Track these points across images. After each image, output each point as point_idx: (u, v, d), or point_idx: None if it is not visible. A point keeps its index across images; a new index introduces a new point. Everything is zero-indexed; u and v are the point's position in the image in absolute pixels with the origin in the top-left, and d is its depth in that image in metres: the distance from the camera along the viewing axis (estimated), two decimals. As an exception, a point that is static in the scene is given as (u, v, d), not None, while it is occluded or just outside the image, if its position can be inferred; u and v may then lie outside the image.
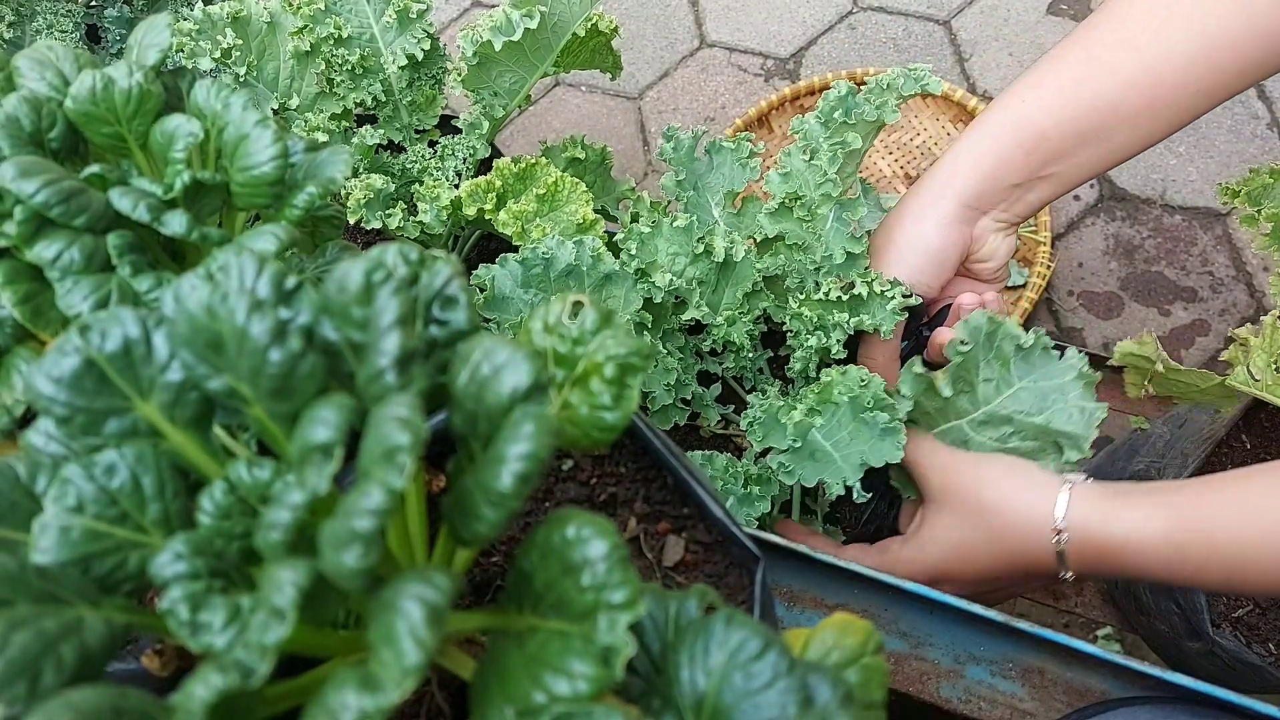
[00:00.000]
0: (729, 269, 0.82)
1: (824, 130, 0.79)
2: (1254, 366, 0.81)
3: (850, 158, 0.79)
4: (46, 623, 0.30)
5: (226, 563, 0.35)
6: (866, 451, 0.70)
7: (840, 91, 0.79)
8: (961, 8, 1.73)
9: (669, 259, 0.81)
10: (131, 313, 0.36)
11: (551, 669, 0.30)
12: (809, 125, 0.81)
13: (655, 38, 1.83)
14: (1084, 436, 0.70)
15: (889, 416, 0.70)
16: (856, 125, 0.78)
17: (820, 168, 0.77)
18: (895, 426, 0.70)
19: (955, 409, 0.74)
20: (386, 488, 0.28)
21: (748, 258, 0.80)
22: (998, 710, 0.60)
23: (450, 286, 0.38)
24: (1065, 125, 0.76)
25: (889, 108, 0.76)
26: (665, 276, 0.76)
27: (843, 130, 0.77)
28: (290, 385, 0.33)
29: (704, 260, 0.80)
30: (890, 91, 0.77)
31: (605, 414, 0.37)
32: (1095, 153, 0.78)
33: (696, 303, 0.80)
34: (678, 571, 0.48)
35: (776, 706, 0.31)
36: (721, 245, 0.78)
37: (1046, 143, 0.77)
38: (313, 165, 0.55)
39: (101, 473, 0.35)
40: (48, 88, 0.52)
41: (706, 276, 0.82)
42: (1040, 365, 0.71)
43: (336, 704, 0.27)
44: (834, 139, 0.77)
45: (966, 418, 0.74)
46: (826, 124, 0.79)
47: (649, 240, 0.81)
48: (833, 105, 0.78)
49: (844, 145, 0.76)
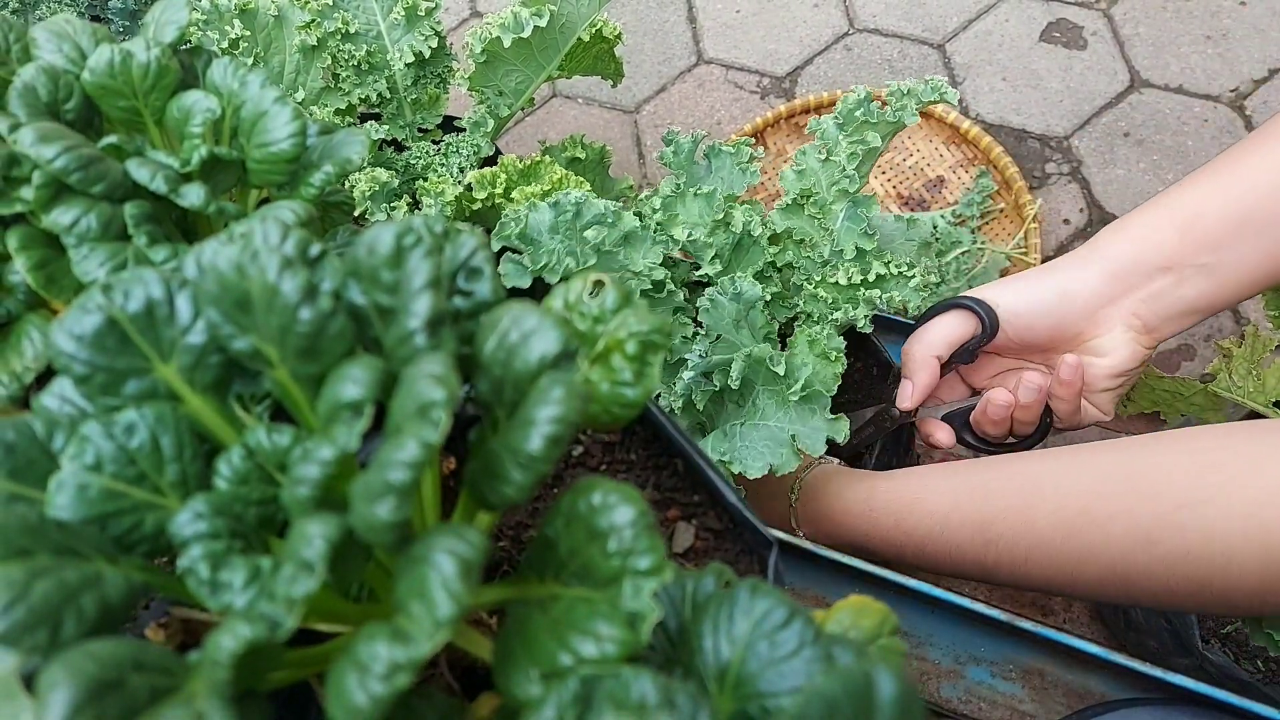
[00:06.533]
0: (743, 248, 0.83)
1: (841, 132, 0.81)
2: (1235, 374, 0.82)
3: (868, 156, 0.80)
4: (67, 573, 0.29)
5: (244, 526, 0.35)
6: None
7: (859, 95, 0.81)
8: (956, 32, 1.75)
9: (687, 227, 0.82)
10: (156, 274, 0.36)
11: (578, 631, 0.30)
12: (825, 126, 0.82)
13: (653, 52, 1.84)
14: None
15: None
16: (877, 125, 0.79)
17: (838, 163, 0.79)
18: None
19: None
20: (421, 441, 0.28)
21: (760, 240, 0.81)
22: (998, 711, 0.60)
23: (475, 258, 0.38)
24: (1224, 208, 0.71)
25: (909, 111, 0.77)
26: (684, 231, 0.78)
27: (863, 129, 0.78)
28: (319, 346, 0.33)
29: (721, 231, 0.81)
30: (910, 97, 0.79)
31: (627, 390, 0.37)
32: (1256, 247, 0.71)
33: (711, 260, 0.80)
34: (688, 558, 0.48)
35: (802, 675, 0.30)
36: (741, 219, 0.79)
37: (1202, 222, 0.72)
38: (328, 147, 0.55)
39: (121, 431, 0.35)
40: (65, 60, 0.52)
41: (721, 250, 0.82)
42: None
43: (367, 655, 0.26)
44: (854, 137, 0.79)
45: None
46: (844, 125, 0.80)
47: (672, 203, 0.82)
48: (852, 107, 0.80)
49: (864, 143, 0.78)
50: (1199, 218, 0.71)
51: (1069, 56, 1.69)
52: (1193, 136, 1.56)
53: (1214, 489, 0.60)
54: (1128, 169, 1.55)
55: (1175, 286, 0.73)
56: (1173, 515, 0.61)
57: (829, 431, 0.70)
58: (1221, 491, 0.60)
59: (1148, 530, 0.62)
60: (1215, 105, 1.58)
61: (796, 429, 0.71)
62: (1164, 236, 0.72)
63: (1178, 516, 0.61)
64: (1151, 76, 1.63)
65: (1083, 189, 1.55)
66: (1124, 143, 1.57)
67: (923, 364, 0.83)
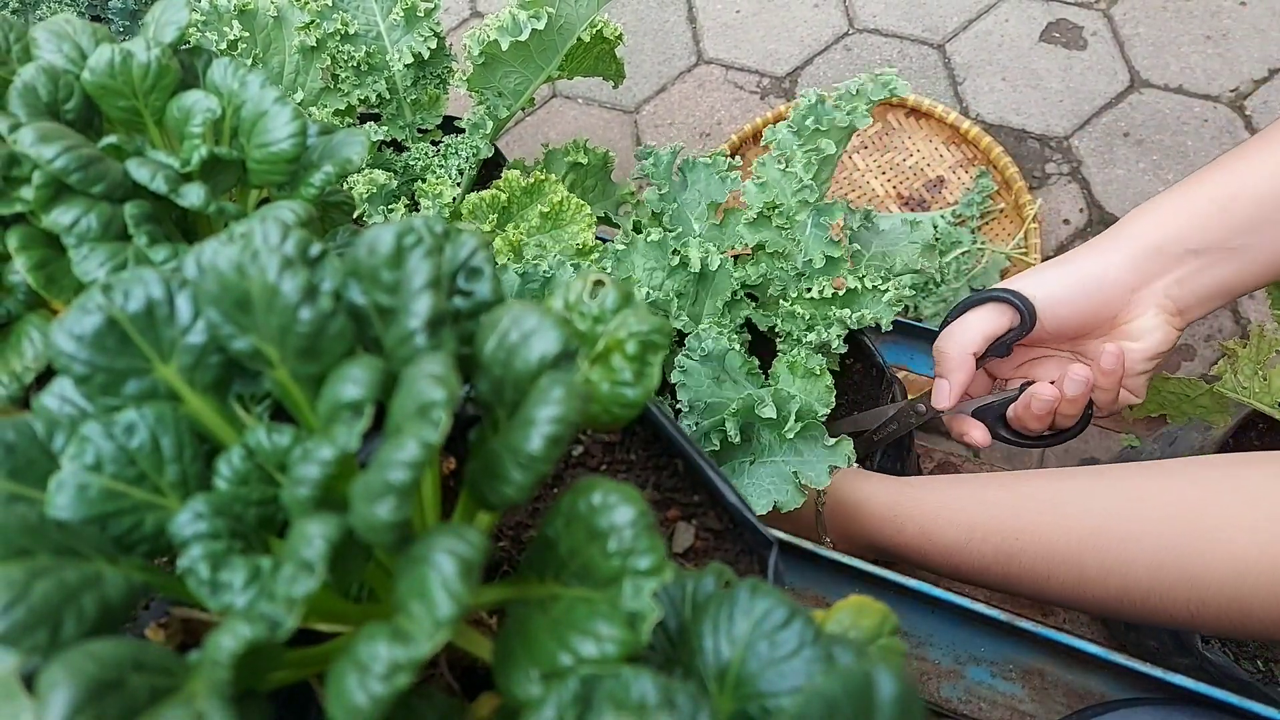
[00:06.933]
0: (707, 280, 0.82)
1: (796, 139, 0.80)
2: (1241, 375, 0.82)
3: (825, 164, 0.80)
4: (67, 573, 0.29)
5: (244, 526, 0.35)
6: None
7: (810, 100, 0.80)
8: (956, 32, 1.75)
9: (646, 273, 0.82)
10: (156, 274, 0.36)
11: (578, 631, 0.30)
12: (781, 135, 0.82)
13: (653, 53, 1.84)
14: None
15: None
16: (829, 131, 0.78)
17: (795, 174, 0.78)
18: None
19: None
20: (421, 441, 0.28)
21: (724, 267, 0.80)
22: (998, 711, 0.60)
23: (475, 258, 0.38)
24: (1255, 190, 0.71)
25: (860, 113, 0.76)
26: (642, 290, 0.77)
27: (815, 137, 0.78)
28: (318, 346, 0.33)
29: (681, 272, 0.80)
30: (860, 98, 0.78)
31: (627, 390, 0.37)
32: None
33: (675, 313, 0.81)
34: (688, 558, 0.48)
35: (802, 675, 0.30)
36: (697, 255, 0.78)
37: (1234, 205, 0.71)
38: (329, 147, 0.55)
39: (121, 431, 0.35)
40: (65, 60, 0.52)
41: (685, 289, 0.82)
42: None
43: (367, 655, 0.26)
44: (807, 146, 0.78)
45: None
46: (799, 132, 0.79)
47: (625, 257, 0.82)
48: (804, 114, 0.79)
49: (818, 152, 0.77)
50: (1232, 200, 0.71)
51: (1069, 56, 1.69)
52: (1193, 136, 1.56)
53: (1235, 515, 0.61)
54: (1128, 169, 1.55)
55: (1206, 268, 0.73)
56: (1194, 540, 0.62)
57: (831, 459, 0.70)
58: (1242, 518, 0.61)
59: (1168, 553, 0.63)
60: (1215, 105, 1.58)
61: (798, 465, 0.72)
62: (1194, 220, 0.72)
63: (1199, 542, 0.62)
64: (1151, 76, 1.63)
65: (1083, 189, 1.55)
66: (1124, 143, 1.57)
67: (960, 362, 0.81)
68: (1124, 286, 0.75)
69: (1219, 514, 0.63)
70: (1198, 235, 0.72)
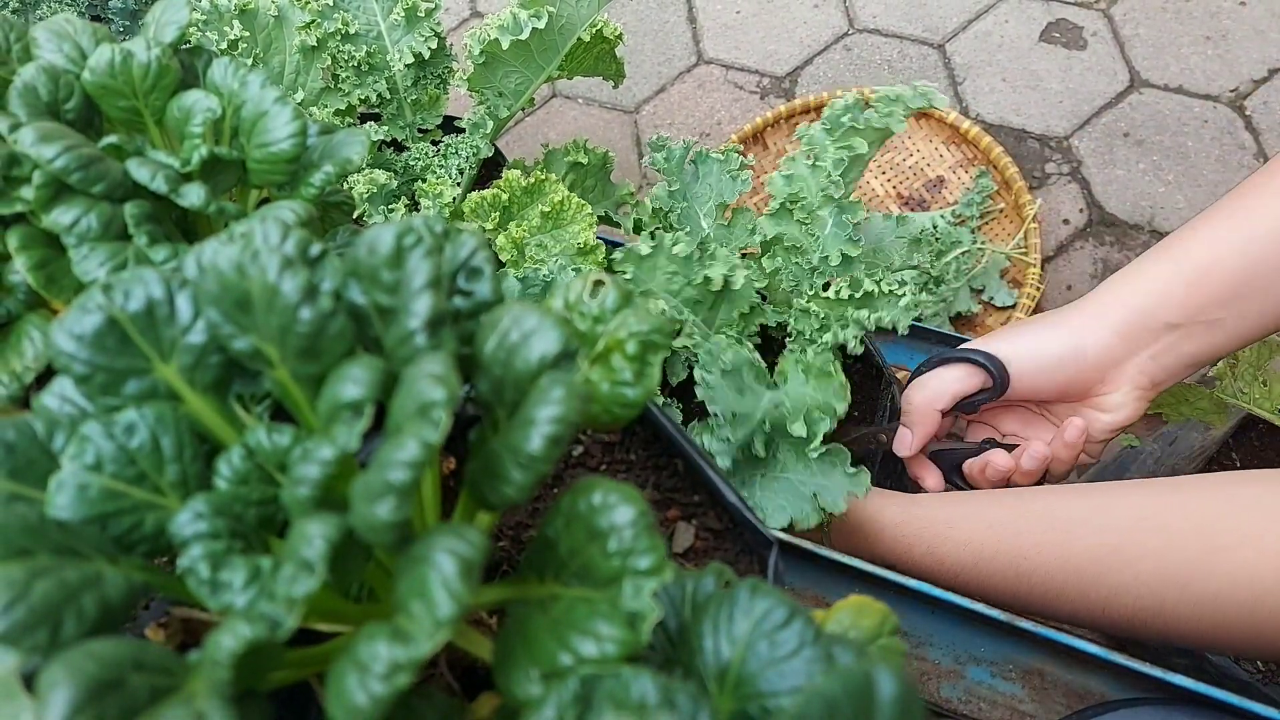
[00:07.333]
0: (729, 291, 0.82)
1: (829, 137, 0.80)
2: (1241, 379, 0.82)
3: (855, 163, 0.80)
4: (68, 573, 0.29)
5: (245, 526, 0.35)
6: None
7: (848, 100, 0.80)
8: (956, 32, 1.75)
9: (666, 278, 0.81)
10: (156, 273, 0.36)
11: (578, 631, 0.30)
12: (814, 132, 0.82)
13: (653, 53, 1.84)
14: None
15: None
16: (864, 131, 0.79)
17: (824, 169, 0.78)
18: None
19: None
20: (422, 441, 0.28)
21: (748, 282, 0.80)
22: (998, 711, 0.60)
23: (475, 258, 0.38)
24: (1230, 262, 0.71)
25: (896, 118, 0.77)
26: (659, 304, 0.77)
27: (849, 135, 0.78)
28: (319, 345, 0.33)
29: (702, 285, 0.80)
30: (898, 103, 0.78)
31: (627, 390, 0.37)
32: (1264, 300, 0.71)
33: (688, 330, 0.80)
34: (688, 558, 0.48)
35: (802, 674, 0.30)
36: (720, 275, 0.78)
37: (1210, 277, 0.72)
38: (329, 147, 0.55)
39: (121, 431, 0.35)
40: (65, 60, 0.52)
41: (704, 296, 0.82)
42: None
43: (367, 655, 0.26)
44: (841, 143, 0.78)
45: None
46: (832, 131, 0.80)
47: (648, 261, 0.80)
48: (839, 112, 0.79)
49: (850, 150, 0.77)
50: (1207, 273, 0.71)
51: (1069, 57, 1.69)
52: (1192, 137, 1.56)
53: (1244, 533, 0.62)
54: (1127, 169, 1.55)
55: (1182, 342, 0.73)
56: (1203, 558, 0.62)
57: (850, 487, 0.70)
58: (1252, 535, 0.61)
59: (1178, 571, 0.63)
60: (1215, 105, 1.58)
61: (818, 485, 0.71)
62: (1172, 293, 0.72)
63: (1208, 559, 0.62)
64: (1151, 77, 1.63)
65: (1082, 189, 1.55)
66: (1124, 143, 1.57)
67: (925, 416, 0.82)
68: (1103, 360, 0.76)
69: (1228, 532, 0.63)
70: (1176, 309, 0.73)
